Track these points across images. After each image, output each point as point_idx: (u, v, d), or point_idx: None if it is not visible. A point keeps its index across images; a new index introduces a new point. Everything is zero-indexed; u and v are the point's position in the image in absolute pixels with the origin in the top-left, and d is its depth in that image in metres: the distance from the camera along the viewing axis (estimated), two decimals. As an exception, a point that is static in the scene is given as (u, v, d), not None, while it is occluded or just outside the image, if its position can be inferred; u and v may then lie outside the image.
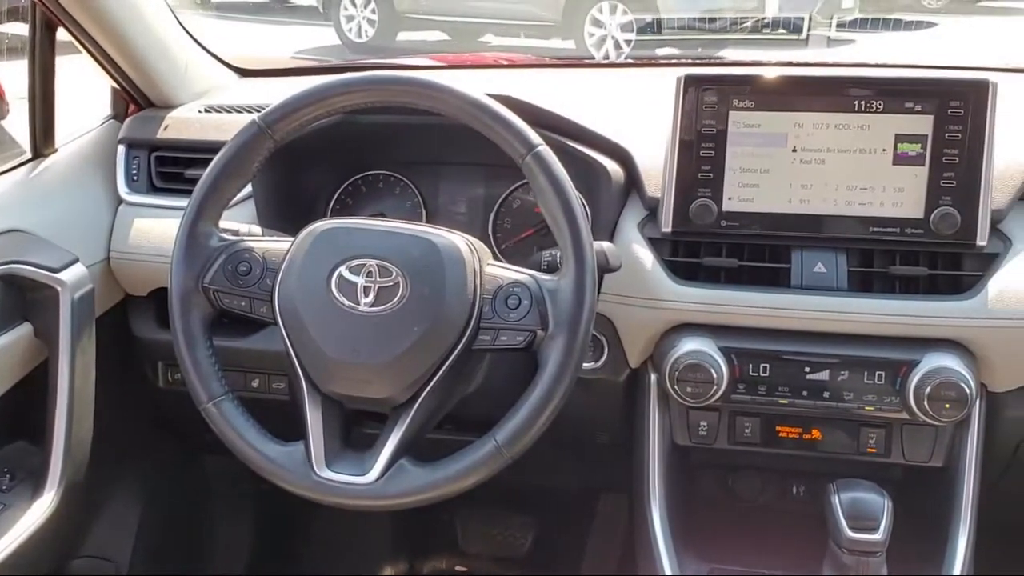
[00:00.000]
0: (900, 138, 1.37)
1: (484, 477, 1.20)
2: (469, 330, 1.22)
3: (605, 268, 1.31)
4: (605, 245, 1.31)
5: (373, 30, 9.20)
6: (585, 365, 1.49)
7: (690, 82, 1.41)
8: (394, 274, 1.22)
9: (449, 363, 1.22)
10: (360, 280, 1.22)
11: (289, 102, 1.29)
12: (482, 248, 1.30)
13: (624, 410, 1.55)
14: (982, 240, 1.36)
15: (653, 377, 1.48)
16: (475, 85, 1.33)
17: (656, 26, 6.51)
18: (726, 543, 1.50)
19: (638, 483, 1.50)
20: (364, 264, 1.23)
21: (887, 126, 1.37)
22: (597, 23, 7.98)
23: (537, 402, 1.19)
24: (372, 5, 9.19)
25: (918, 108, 1.36)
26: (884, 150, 1.37)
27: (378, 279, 1.22)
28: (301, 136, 1.40)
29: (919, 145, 1.36)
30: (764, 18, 6.09)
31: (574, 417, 1.56)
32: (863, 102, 1.37)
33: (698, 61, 2.20)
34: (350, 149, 1.69)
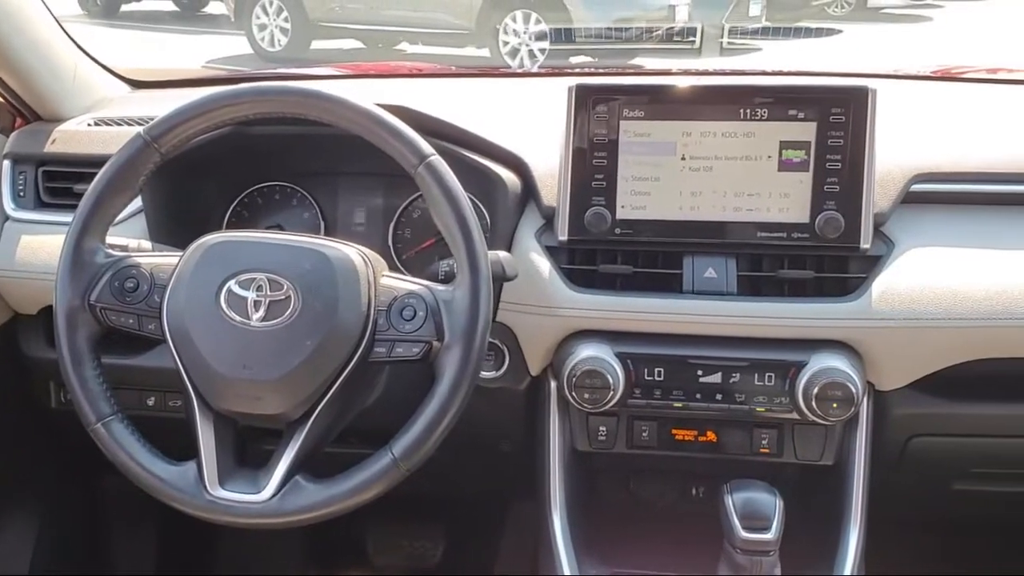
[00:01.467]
0: (785, 145, 1.40)
1: (382, 491, 1.20)
2: (364, 343, 1.22)
3: (501, 277, 1.31)
4: (501, 254, 1.32)
5: (286, 39, 9.11)
6: (486, 374, 1.49)
7: (581, 92, 1.42)
8: (285, 287, 1.21)
9: (344, 377, 1.21)
10: (250, 294, 1.21)
11: (174, 115, 1.27)
12: (377, 259, 1.30)
13: (526, 418, 1.55)
14: (865, 243, 1.40)
15: (553, 384, 1.49)
16: (382, 95, 1.33)
17: (569, 35, 6.57)
18: (627, 546, 1.51)
19: (540, 489, 1.51)
20: (254, 278, 1.21)
21: (772, 133, 1.40)
22: (511, 32, 8.01)
23: (433, 414, 1.19)
24: (285, 13, 9.10)
25: (801, 115, 1.39)
26: (769, 157, 1.41)
27: (269, 293, 1.21)
28: (192, 148, 1.38)
29: (803, 151, 1.40)
30: (674, 27, 6.19)
31: (477, 426, 1.57)
32: (748, 110, 1.40)
33: (610, 70, 2.23)
34: (245, 160, 1.66)
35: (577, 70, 2.57)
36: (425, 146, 1.24)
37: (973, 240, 1.43)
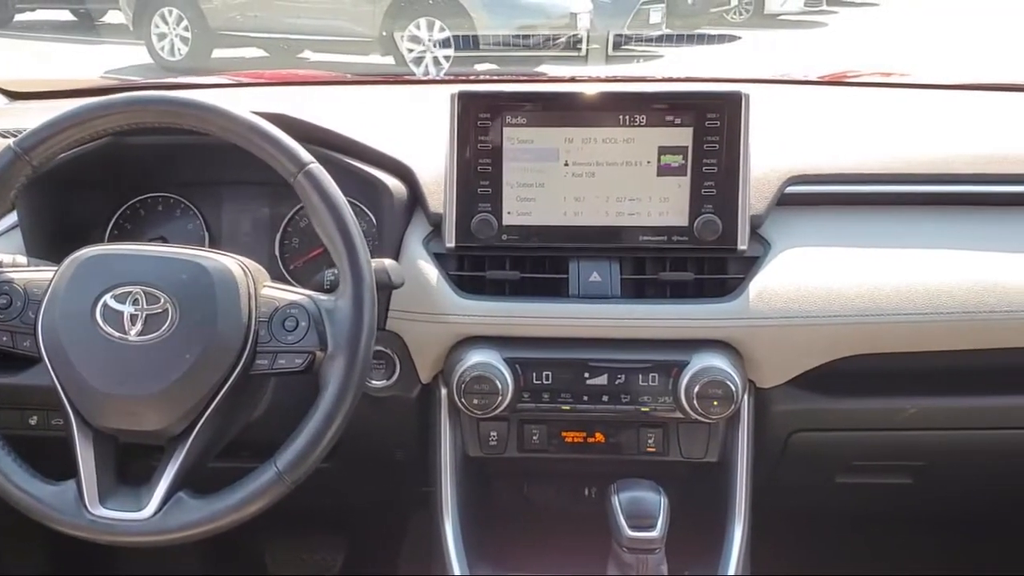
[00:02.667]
0: (663, 150, 1.43)
1: (266, 504, 1.19)
2: (245, 355, 1.20)
3: (387, 285, 1.31)
4: (387, 262, 1.32)
5: (187, 48, 8.92)
6: (376, 383, 1.49)
7: (463, 99, 1.43)
8: (162, 301, 1.19)
9: (225, 390, 1.20)
10: (126, 308, 1.19)
11: (46, 126, 1.24)
12: (257, 269, 1.28)
13: (418, 426, 1.55)
14: (742, 244, 1.43)
15: (443, 391, 1.49)
16: (272, 103, 1.31)
17: (472, 42, 6.59)
18: (520, 549, 1.52)
19: (432, 496, 1.51)
20: (130, 291, 1.19)
21: (650, 139, 1.43)
22: (415, 39, 8.00)
23: (318, 425, 1.19)
24: (185, 22, 8.92)
25: (678, 121, 1.42)
26: (649, 162, 1.43)
27: (145, 306, 1.19)
28: (70, 159, 1.34)
29: (681, 156, 1.43)
30: (576, 35, 6.26)
31: (370, 435, 1.57)
32: (627, 117, 1.42)
33: (514, 77, 2.24)
34: (127, 171, 1.63)
35: (483, 77, 2.59)
36: (303, 154, 1.23)
37: (846, 240, 1.48)
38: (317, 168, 1.23)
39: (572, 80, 2.02)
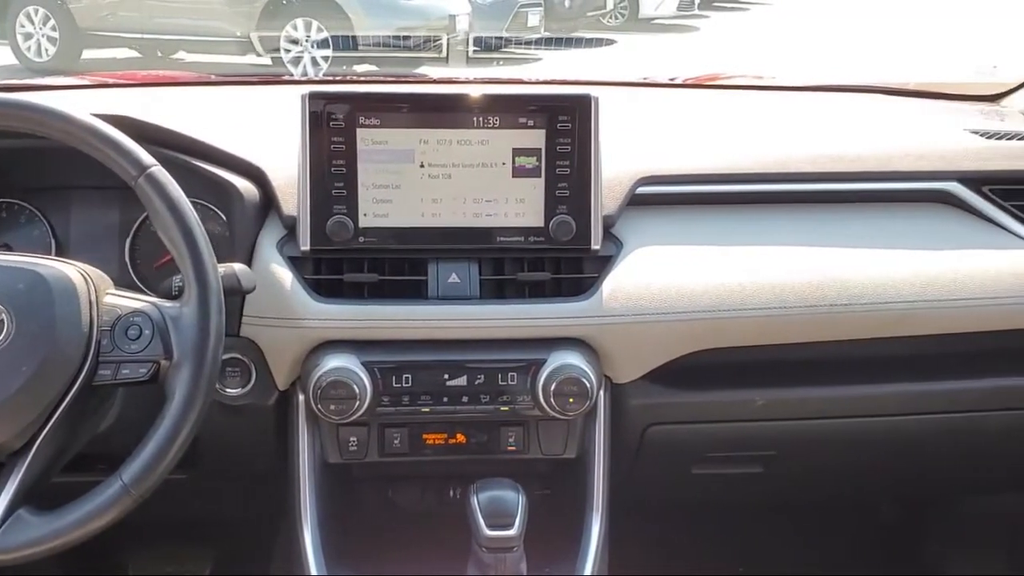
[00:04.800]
0: (517, 152, 1.44)
1: (113, 519, 1.15)
2: (87, 366, 1.17)
3: (237, 290, 1.29)
4: (236, 266, 1.30)
5: (55, 48, 8.60)
6: (232, 391, 1.46)
7: (315, 99, 1.41)
8: None
9: (67, 403, 1.16)
10: None
11: None
12: (100, 277, 1.24)
13: (277, 434, 1.53)
14: (596, 244, 1.46)
15: (301, 397, 1.47)
16: (129, 105, 1.27)
17: (351, 43, 6.53)
18: (383, 555, 1.52)
19: (291, 505, 1.49)
20: None
21: (505, 141, 1.44)
22: (293, 40, 7.88)
23: (164, 436, 1.16)
24: (52, 22, 8.59)
25: (530, 123, 1.44)
26: (504, 163, 1.44)
27: None
28: None
29: (535, 158, 1.44)
30: (437, 37, 6.27)
31: (227, 444, 1.54)
32: (481, 119, 1.43)
33: (392, 78, 2.23)
34: None
35: (362, 78, 2.57)
36: (145, 157, 1.20)
37: (695, 238, 1.53)
38: (159, 171, 1.20)
39: (444, 81, 2.02)
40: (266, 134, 1.58)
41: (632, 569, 1.59)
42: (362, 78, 2.46)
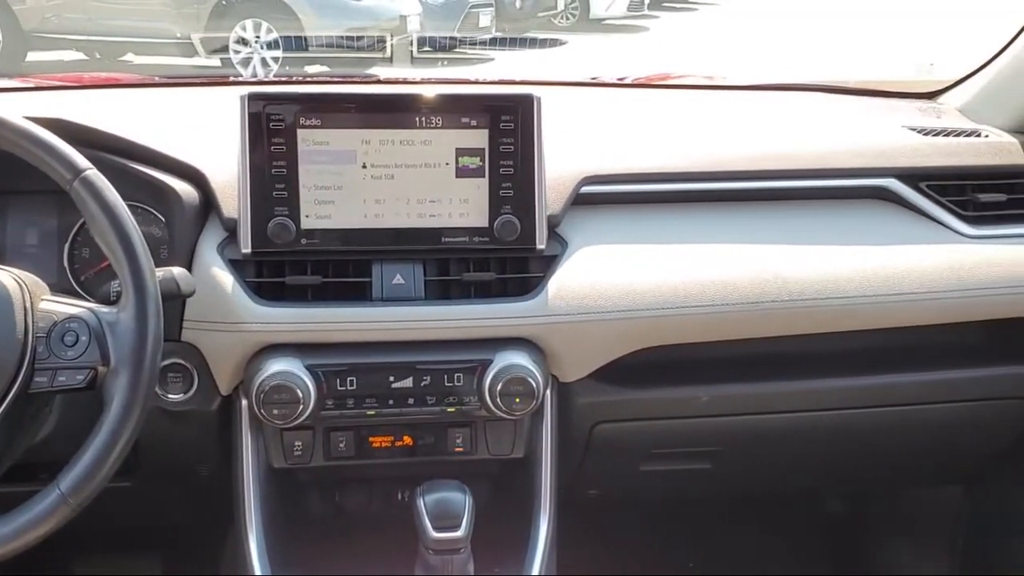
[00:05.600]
0: (461, 152, 1.44)
1: (50, 529, 1.13)
2: (22, 373, 1.15)
3: (176, 295, 1.27)
4: (175, 270, 1.28)
5: (-2, 50, 8.44)
6: (174, 396, 1.44)
7: (254, 100, 1.40)
8: None
9: (3, 411, 1.14)
10: None
11: None
12: (35, 283, 1.22)
13: (220, 439, 1.51)
14: (541, 244, 1.46)
15: (244, 402, 1.45)
16: (64, 107, 1.24)
17: (300, 44, 6.48)
18: (330, 558, 1.51)
19: (235, 511, 1.47)
20: None
21: (448, 141, 1.43)
22: (242, 41, 7.80)
23: (103, 443, 1.14)
24: (-6, 24, 8.43)
25: (474, 123, 1.43)
26: (447, 164, 1.44)
27: None
28: None
29: (478, 158, 1.44)
30: (381, 37, 6.24)
31: (170, 451, 1.52)
32: (423, 119, 1.42)
33: (339, 78, 2.20)
34: None
35: (314, 79, 2.54)
36: (80, 160, 1.18)
37: (639, 237, 1.53)
38: (94, 175, 1.18)
39: (390, 82, 2.01)
40: (208, 136, 1.56)
41: (583, 567, 1.60)
42: (309, 79, 2.44)
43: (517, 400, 1.40)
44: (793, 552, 2.26)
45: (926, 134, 1.69)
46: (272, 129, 1.40)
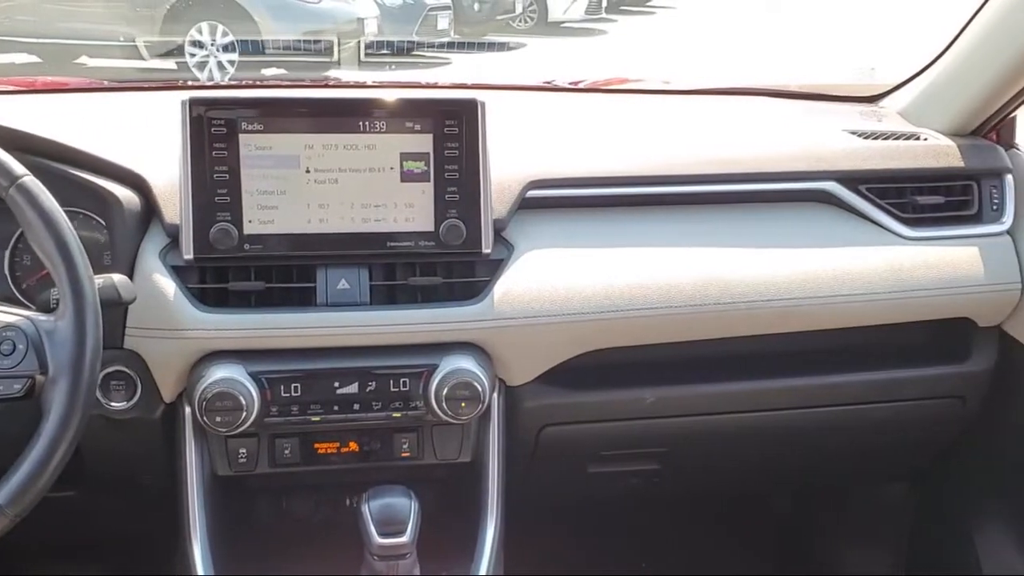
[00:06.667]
0: (405, 156, 1.43)
1: None
2: None
3: (116, 302, 1.26)
4: (115, 277, 1.27)
5: (-55, 54, 8.28)
6: (116, 404, 1.42)
7: (195, 105, 1.39)
8: None
9: None
10: None
11: None
12: None
13: (164, 447, 1.49)
14: (487, 248, 1.46)
15: (188, 410, 1.44)
16: (24, 113, 1.22)
17: (257, 47, 6.44)
18: (278, 566, 1.50)
19: (180, 520, 1.46)
20: None
21: (392, 145, 1.43)
22: (197, 44, 7.73)
23: (41, 454, 1.13)
24: (-59, 27, 8.28)
25: (418, 128, 1.43)
26: (392, 168, 1.44)
27: None
28: None
29: (423, 163, 1.44)
30: (328, 40, 6.22)
31: (113, 460, 1.50)
32: (367, 123, 1.42)
33: (289, 82, 2.19)
34: None
35: (269, 83, 2.53)
36: (16, 166, 1.17)
37: (584, 240, 1.54)
38: (31, 181, 1.17)
39: (339, 86, 2.01)
40: (152, 141, 1.54)
41: (532, 570, 1.60)
42: (259, 83, 2.42)
43: (463, 404, 1.40)
44: (743, 551, 2.29)
45: (866, 137, 1.71)
46: (214, 134, 1.39)
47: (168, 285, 1.40)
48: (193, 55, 7.74)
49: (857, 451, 1.84)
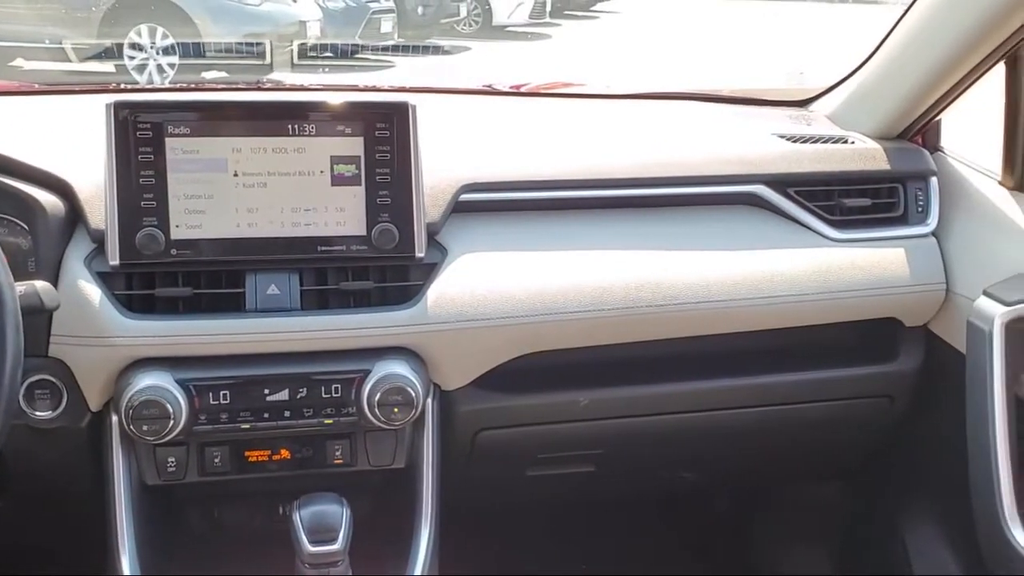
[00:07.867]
0: (336, 160, 1.42)
1: None
2: None
3: (38, 309, 1.23)
4: (38, 284, 1.24)
5: None
6: (41, 414, 1.39)
7: (120, 108, 1.36)
8: None
9: None
10: None
11: None
12: None
13: (92, 457, 1.46)
14: (420, 252, 1.45)
15: (115, 418, 1.41)
16: None
17: (197, 50, 6.35)
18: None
19: (107, 532, 1.43)
20: None
21: (322, 148, 1.42)
22: (137, 47, 7.61)
23: None
24: None
25: (349, 131, 1.42)
26: (322, 172, 1.42)
27: None
28: None
29: (354, 166, 1.43)
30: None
31: (39, 470, 1.47)
32: (296, 126, 1.41)
33: (231, 85, 2.16)
34: None
35: (210, 85, 2.49)
36: None
37: (518, 244, 1.54)
38: None
39: (277, 89, 1.99)
40: (79, 145, 1.51)
41: (473, 571, 1.60)
42: (191, 86, 2.39)
43: (396, 410, 1.39)
44: (681, 551, 2.30)
45: (795, 141, 1.73)
46: (139, 138, 1.37)
47: (94, 292, 1.37)
48: (132, 58, 7.61)
49: (790, 451, 1.87)
